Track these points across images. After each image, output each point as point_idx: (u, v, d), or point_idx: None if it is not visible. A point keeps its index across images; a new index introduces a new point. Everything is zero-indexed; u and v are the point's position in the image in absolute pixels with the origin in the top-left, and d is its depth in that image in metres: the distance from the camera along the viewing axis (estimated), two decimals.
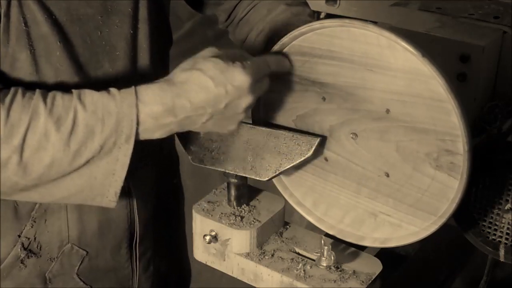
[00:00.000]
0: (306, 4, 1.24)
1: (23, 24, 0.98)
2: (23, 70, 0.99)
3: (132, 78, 1.09)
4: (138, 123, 0.94)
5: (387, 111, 0.93)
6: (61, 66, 1.02)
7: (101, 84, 1.02)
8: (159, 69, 1.15)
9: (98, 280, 1.17)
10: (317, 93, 0.99)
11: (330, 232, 1.05)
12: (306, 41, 0.97)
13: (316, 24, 0.95)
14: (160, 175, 1.22)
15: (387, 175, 0.96)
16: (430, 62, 0.86)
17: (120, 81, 1.07)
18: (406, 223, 0.97)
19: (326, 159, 1.02)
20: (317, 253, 1.00)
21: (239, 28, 1.27)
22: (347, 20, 0.92)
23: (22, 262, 1.09)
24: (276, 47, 0.99)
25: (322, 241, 1.00)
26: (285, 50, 0.99)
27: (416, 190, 0.95)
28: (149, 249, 1.22)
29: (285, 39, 0.98)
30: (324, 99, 0.98)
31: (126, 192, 1.12)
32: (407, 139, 0.93)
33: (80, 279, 1.14)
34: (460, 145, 0.88)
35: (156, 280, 1.26)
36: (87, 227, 1.12)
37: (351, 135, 0.98)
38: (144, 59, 1.11)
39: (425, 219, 0.95)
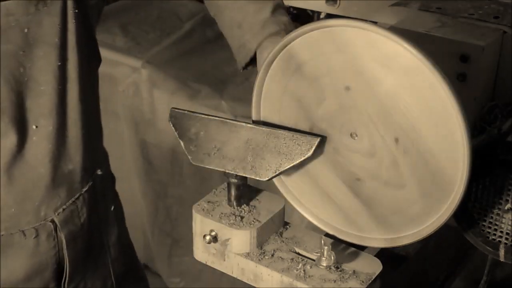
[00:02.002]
0: None
1: None
2: None
3: (61, 115, 1.03)
4: None
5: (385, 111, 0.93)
6: None
7: (23, 124, 0.98)
8: (88, 98, 1.08)
9: None
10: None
11: (330, 232, 1.05)
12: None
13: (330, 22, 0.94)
14: (93, 205, 1.16)
15: (358, 180, 0.97)
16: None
17: (46, 119, 1.01)
18: (406, 223, 0.97)
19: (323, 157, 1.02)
20: (317, 253, 1.00)
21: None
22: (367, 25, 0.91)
23: None
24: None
25: (322, 241, 1.00)
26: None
27: (416, 190, 0.95)
28: (80, 284, 1.17)
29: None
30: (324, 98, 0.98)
31: (53, 231, 1.09)
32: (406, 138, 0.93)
33: None
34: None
35: None
36: (13, 273, 1.07)
37: (350, 134, 0.98)
38: (73, 91, 1.04)
39: (425, 219, 0.95)
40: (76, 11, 1.01)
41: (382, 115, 0.93)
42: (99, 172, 1.16)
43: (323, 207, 1.05)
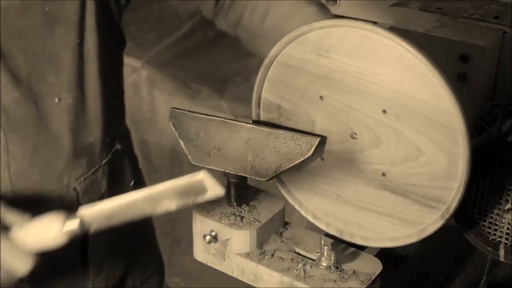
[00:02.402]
0: None
1: None
2: None
3: (80, 90, 1.08)
4: None
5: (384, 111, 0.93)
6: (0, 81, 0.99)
7: (46, 98, 1.03)
8: (109, 77, 1.13)
9: (50, 283, 1.15)
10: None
11: (330, 232, 1.05)
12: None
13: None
14: (112, 177, 1.20)
15: (383, 175, 0.97)
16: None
17: (67, 93, 1.06)
18: (406, 223, 0.97)
19: (322, 159, 1.02)
20: (317, 253, 1.00)
21: (231, 11, 1.23)
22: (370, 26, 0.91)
23: None
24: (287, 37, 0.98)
25: (322, 241, 1.00)
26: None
27: (416, 190, 0.95)
28: (101, 254, 1.21)
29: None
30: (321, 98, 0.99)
31: (76, 199, 1.13)
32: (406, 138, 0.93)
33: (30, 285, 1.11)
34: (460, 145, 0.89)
35: (111, 281, 1.26)
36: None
37: (351, 133, 0.98)
38: (92, 68, 1.09)
39: (425, 219, 0.95)
40: None
41: (379, 112, 0.94)
42: (118, 146, 1.21)
43: (323, 206, 1.05)
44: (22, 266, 0.87)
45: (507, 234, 1.05)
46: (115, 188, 1.22)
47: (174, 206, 0.85)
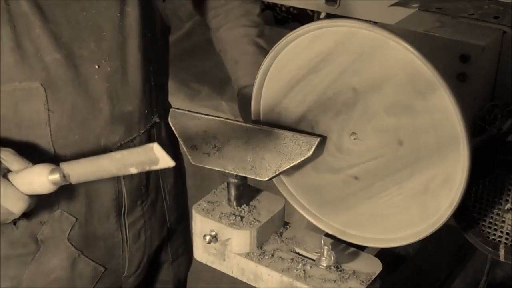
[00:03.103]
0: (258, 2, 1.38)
1: (3, 1, 1.04)
2: (5, 45, 1.05)
3: (120, 60, 1.15)
4: None
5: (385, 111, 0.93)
6: (41, 42, 1.07)
7: (86, 63, 1.10)
8: (150, 53, 1.20)
9: (88, 246, 1.23)
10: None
11: (330, 232, 1.05)
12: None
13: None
14: None
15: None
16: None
17: (107, 61, 1.14)
18: (406, 223, 0.97)
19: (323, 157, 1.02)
20: (317, 253, 1.00)
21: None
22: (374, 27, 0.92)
23: (14, 223, 1.15)
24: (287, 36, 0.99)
25: (322, 241, 1.00)
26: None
27: (391, 207, 0.95)
28: (139, 221, 1.28)
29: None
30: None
31: None
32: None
33: (71, 244, 1.20)
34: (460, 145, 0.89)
35: (148, 250, 1.32)
36: (75, 194, 1.17)
37: (351, 134, 0.98)
38: (132, 42, 1.16)
39: (425, 219, 0.95)
40: None
41: (380, 113, 0.94)
42: (157, 120, 1.26)
43: (323, 206, 1.05)
44: (16, 206, 1.00)
45: (507, 234, 1.05)
46: None
47: (134, 170, 0.97)
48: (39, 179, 0.99)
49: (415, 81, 0.89)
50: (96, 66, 1.13)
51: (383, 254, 1.11)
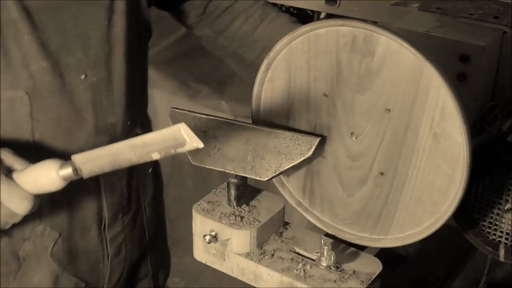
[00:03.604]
0: None
1: None
2: None
3: (106, 70, 1.13)
4: None
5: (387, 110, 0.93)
6: (28, 50, 1.05)
7: (72, 72, 1.09)
8: (134, 62, 1.19)
9: (70, 262, 1.21)
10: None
11: (330, 232, 1.05)
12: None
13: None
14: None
15: (382, 174, 0.97)
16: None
17: (93, 71, 1.12)
18: (420, 216, 0.97)
19: (324, 157, 1.02)
20: (317, 253, 1.00)
21: (219, 20, 1.32)
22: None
23: None
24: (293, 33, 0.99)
25: (322, 241, 1.00)
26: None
27: (423, 177, 0.95)
28: (120, 234, 1.26)
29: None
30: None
31: (94, 179, 1.15)
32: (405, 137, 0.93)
33: (54, 260, 1.18)
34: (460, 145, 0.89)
35: (128, 263, 1.30)
36: (57, 207, 1.15)
37: (351, 134, 0.98)
38: (119, 51, 1.14)
39: (425, 219, 0.95)
40: None
41: (355, 96, 0.94)
42: (140, 132, 1.24)
43: (323, 206, 1.05)
44: (21, 206, 0.95)
45: (507, 234, 1.05)
46: (134, 171, 1.26)
47: (157, 156, 0.90)
48: (48, 175, 0.93)
49: (356, 45, 0.91)
50: (82, 76, 1.11)
51: (383, 254, 1.11)
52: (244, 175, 1.03)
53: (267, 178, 1.01)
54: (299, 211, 1.07)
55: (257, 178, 1.02)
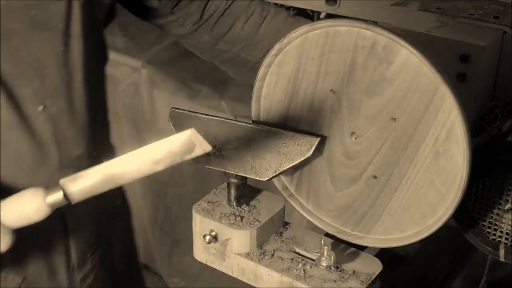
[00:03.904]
0: None
1: None
2: None
3: (66, 99, 1.06)
4: None
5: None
6: None
7: (29, 104, 1.01)
8: (95, 88, 1.12)
9: None
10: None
11: (330, 232, 1.05)
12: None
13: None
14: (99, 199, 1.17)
15: (375, 177, 0.97)
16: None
17: (52, 101, 1.04)
18: (406, 224, 0.97)
19: (326, 158, 1.02)
20: (317, 253, 1.00)
21: (218, 24, 1.27)
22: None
23: None
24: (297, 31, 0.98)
25: (322, 241, 1.00)
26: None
27: (416, 189, 0.95)
28: (89, 275, 1.19)
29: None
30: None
31: (60, 218, 1.10)
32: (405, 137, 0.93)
33: None
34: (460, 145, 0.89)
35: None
36: (22, 250, 1.07)
37: (350, 134, 0.98)
38: (77, 78, 1.07)
39: (410, 227, 0.95)
40: (82, 1, 1.05)
41: (363, 99, 0.94)
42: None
43: (323, 206, 1.05)
44: (3, 242, 0.87)
45: (507, 234, 1.05)
46: (101, 204, 1.18)
47: (161, 167, 0.82)
48: (34, 203, 0.86)
49: (374, 51, 0.91)
50: (40, 107, 1.03)
51: (383, 254, 1.11)
52: (244, 175, 1.03)
53: (267, 178, 1.01)
54: (299, 211, 1.07)
55: (257, 178, 1.02)
